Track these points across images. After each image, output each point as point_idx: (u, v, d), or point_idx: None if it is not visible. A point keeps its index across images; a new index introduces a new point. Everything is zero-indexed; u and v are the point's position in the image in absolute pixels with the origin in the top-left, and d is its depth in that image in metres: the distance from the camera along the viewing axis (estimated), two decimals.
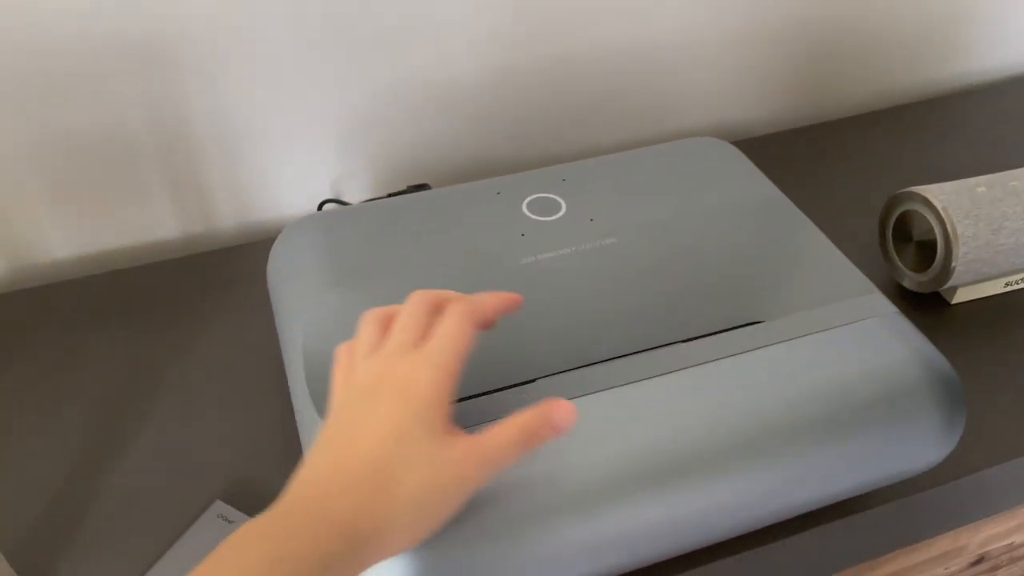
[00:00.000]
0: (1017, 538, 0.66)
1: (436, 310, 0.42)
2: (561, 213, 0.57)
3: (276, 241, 0.57)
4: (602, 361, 0.48)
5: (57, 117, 0.65)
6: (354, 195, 0.78)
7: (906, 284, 0.64)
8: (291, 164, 0.74)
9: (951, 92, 0.92)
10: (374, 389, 0.38)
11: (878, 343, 0.47)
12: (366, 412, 0.38)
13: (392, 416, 0.37)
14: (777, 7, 0.80)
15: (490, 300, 0.43)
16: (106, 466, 0.54)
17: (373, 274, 0.52)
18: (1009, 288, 0.65)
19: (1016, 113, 0.86)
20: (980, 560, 0.65)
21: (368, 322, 0.42)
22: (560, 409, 0.38)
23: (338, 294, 0.51)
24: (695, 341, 0.48)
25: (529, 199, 0.58)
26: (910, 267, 0.63)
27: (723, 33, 0.80)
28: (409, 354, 0.39)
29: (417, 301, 0.42)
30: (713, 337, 0.48)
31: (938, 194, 0.60)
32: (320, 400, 0.45)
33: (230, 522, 0.50)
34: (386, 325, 0.42)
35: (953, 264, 0.59)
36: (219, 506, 0.51)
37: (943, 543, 0.61)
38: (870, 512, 0.51)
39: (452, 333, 0.40)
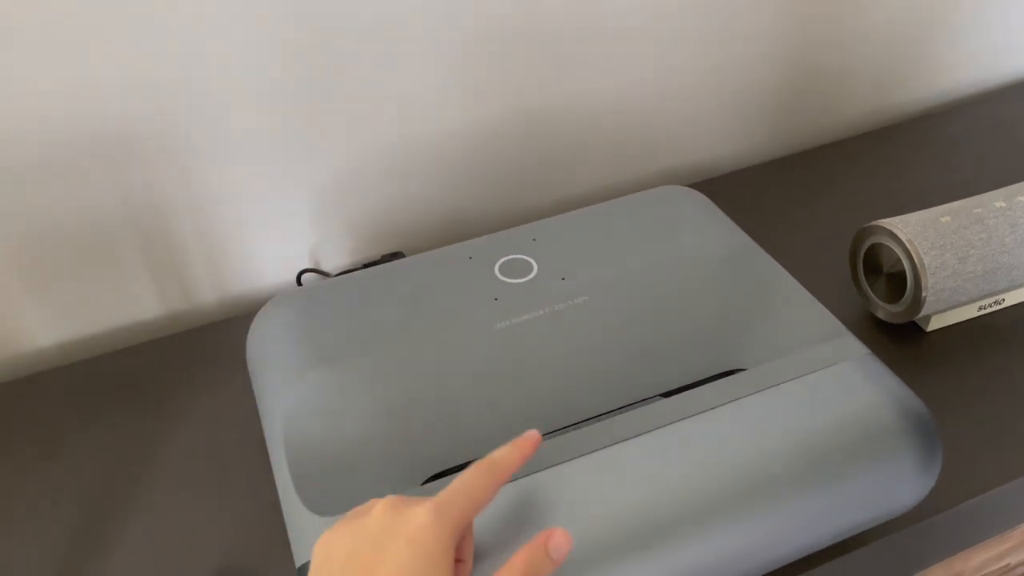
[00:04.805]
0: (1012, 559, 0.66)
1: None
2: (533, 275, 0.57)
3: (252, 324, 0.58)
4: (581, 423, 0.49)
5: (32, 206, 0.65)
6: (333, 260, 0.78)
7: (880, 315, 0.64)
8: (269, 235, 0.74)
9: (909, 117, 0.94)
10: (381, 535, 0.38)
11: (851, 388, 0.47)
12: (374, 558, 0.38)
13: (400, 564, 0.37)
14: (741, 47, 0.81)
15: (512, 456, 0.42)
16: (94, 557, 0.54)
17: (350, 352, 0.53)
18: (983, 312, 0.65)
19: (974, 132, 0.88)
20: None
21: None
22: (555, 537, 0.39)
23: (314, 378, 0.51)
24: (672, 396, 0.49)
25: (501, 262, 0.59)
26: (883, 298, 0.64)
27: (688, 75, 0.81)
28: (420, 503, 0.39)
29: None
30: (689, 392, 0.49)
31: (903, 227, 0.61)
32: (303, 487, 0.46)
33: None
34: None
35: (923, 295, 0.60)
36: None
37: (939, 572, 0.61)
38: (860, 551, 0.51)
39: (468, 487, 0.40)
